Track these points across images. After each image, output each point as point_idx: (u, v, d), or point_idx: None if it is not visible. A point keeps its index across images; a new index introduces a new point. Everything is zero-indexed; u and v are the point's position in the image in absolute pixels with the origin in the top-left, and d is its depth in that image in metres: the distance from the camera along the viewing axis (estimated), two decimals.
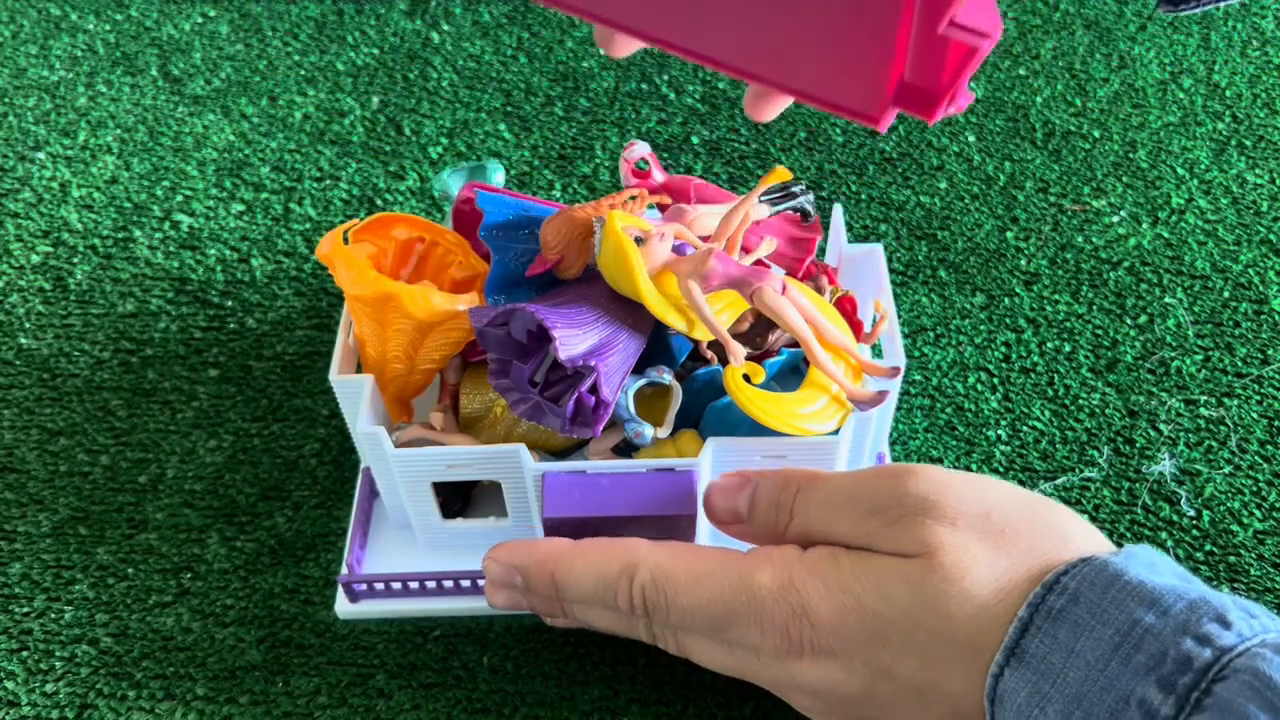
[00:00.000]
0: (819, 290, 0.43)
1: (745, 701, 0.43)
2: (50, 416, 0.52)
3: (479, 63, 0.68)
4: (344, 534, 0.47)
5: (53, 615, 0.45)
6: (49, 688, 0.43)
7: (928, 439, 0.50)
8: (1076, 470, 0.49)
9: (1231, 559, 0.46)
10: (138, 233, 0.59)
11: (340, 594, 0.44)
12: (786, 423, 0.38)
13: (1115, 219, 0.60)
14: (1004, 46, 0.69)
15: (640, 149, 0.47)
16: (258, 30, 0.70)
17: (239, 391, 0.52)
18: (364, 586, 0.43)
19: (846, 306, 0.43)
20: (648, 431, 0.39)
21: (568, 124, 0.64)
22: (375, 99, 0.66)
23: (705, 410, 0.42)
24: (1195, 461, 0.49)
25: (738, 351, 0.37)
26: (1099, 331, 0.53)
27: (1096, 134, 0.64)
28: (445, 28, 0.70)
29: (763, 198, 0.43)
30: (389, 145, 0.63)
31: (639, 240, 0.38)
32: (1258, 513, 0.47)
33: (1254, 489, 0.48)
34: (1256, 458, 0.49)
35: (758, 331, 0.42)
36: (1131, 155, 0.63)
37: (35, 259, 0.58)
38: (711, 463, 0.40)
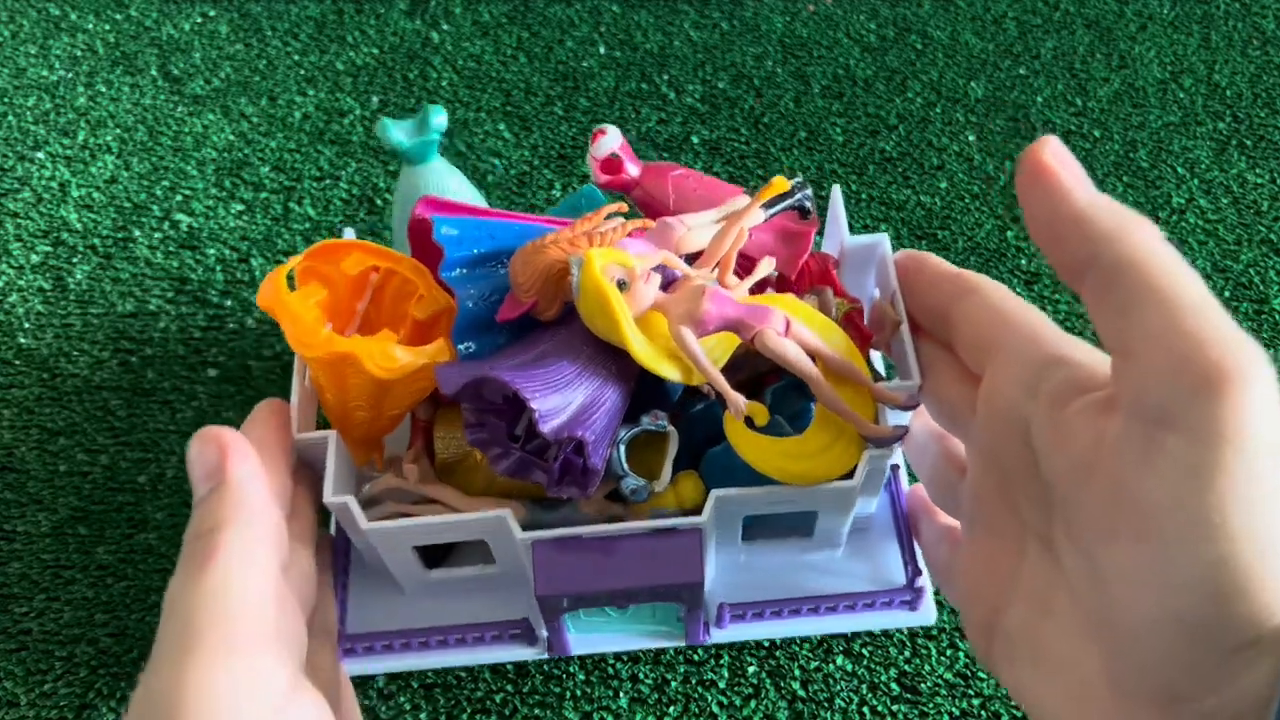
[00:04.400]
0: (824, 306, 0.39)
1: (747, 701, 0.43)
2: (50, 416, 0.52)
3: (479, 62, 0.68)
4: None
5: (52, 615, 0.45)
6: (47, 687, 0.43)
7: None
8: None
9: None
10: (137, 232, 0.59)
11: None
12: (794, 472, 0.35)
13: None
14: (1005, 46, 0.69)
15: (609, 142, 0.41)
16: (257, 30, 0.70)
17: (239, 391, 0.52)
18: (351, 647, 0.40)
19: (855, 320, 0.39)
20: (644, 488, 0.36)
21: (568, 124, 0.64)
22: (375, 99, 0.66)
23: (705, 455, 0.38)
24: None
25: (738, 403, 0.34)
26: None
27: (1097, 134, 0.64)
28: (445, 27, 0.70)
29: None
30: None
31: (621, 284, 0.34)
32: None
33: None
34: None
35: (761, 354, 0.39)
36: (1132, 155, 0.63)
37: (35, 259, 0.58)
38: (715, 515, 0.37)
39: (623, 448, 0.36)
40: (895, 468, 0.44)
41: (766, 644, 0.45)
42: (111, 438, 0.51)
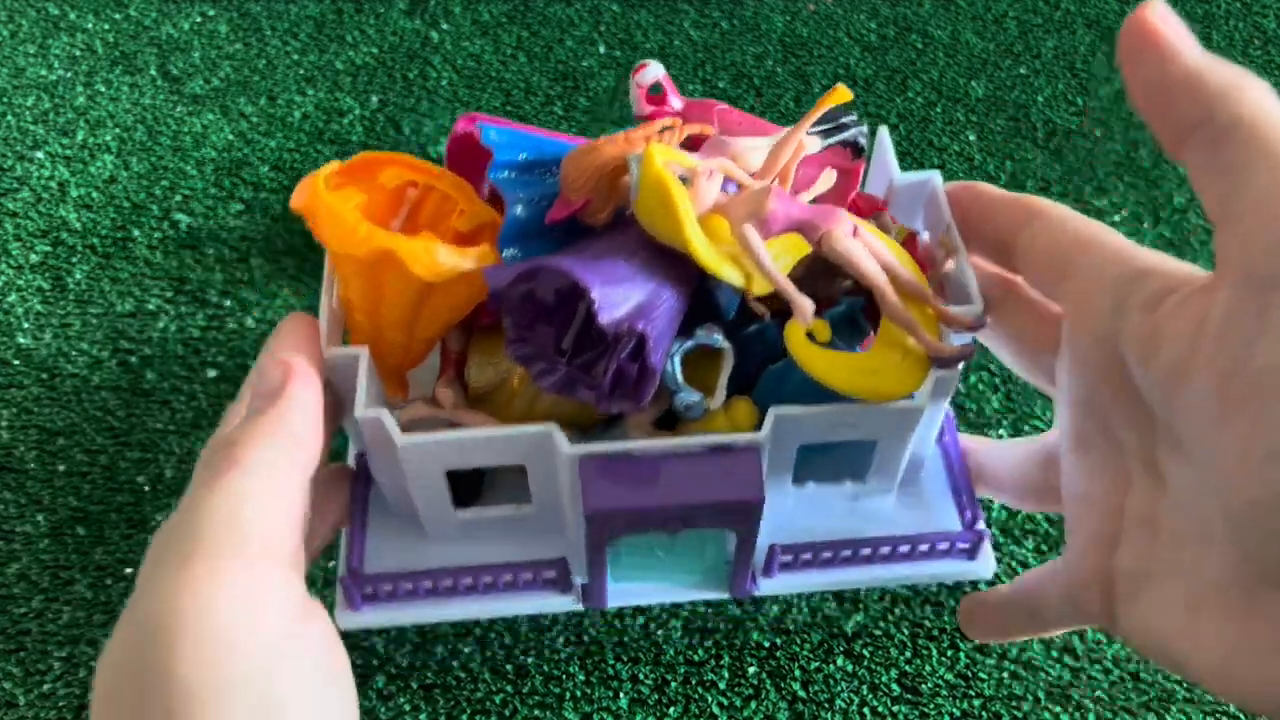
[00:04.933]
0: (884, 229, 0.37)
1: (747, 702, 0.43)
2: (49, 416, 0.52)
3: (479, 62, 0.68)
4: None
5: (50, 616, 0.45)
6: (46, 688, 0.43)
7: None
8: None
9: None
10: (136, 232, 0.59)
11: (340, 599, 0.37)
12: (862, 386, 0.32)
13: (1117, 218, 0.60)
14: (1005, 46, 0.68)
15: (654, 71, 0.40)
16: (257, 29, 0.70)
17: (238, 391, 0.52)
18: (370, 590, 0.37)
19: (912, 247, 0.37)
20: (699, 404, 0.34)
21: (567, 123, 0.64)
22: (375, 98, 0.66)
23: (761, 375, 0.36)
24: None
25: (806, 307, 0.31)
26: None
27: (1098, 133, 0.64)
28: (445, 27, 0.70)
29: (812, 129, 0.37)
30: (388, 144, 0.63)
31: (683, 180, 0.32)
32: None
33: None
34: None
35: (817, 279, 0.36)
36: (1133, 155, 0.63)
37: (34, 258, 0.58)
38: (773, 436, 0.34)
39: (678, 360, 0.34)
40: (949, 417, 0.41)
41: (767, 644, 0.45)
42: (111, 438, 0.51)
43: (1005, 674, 0.44)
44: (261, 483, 0.28)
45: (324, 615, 0.28)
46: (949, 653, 0.45)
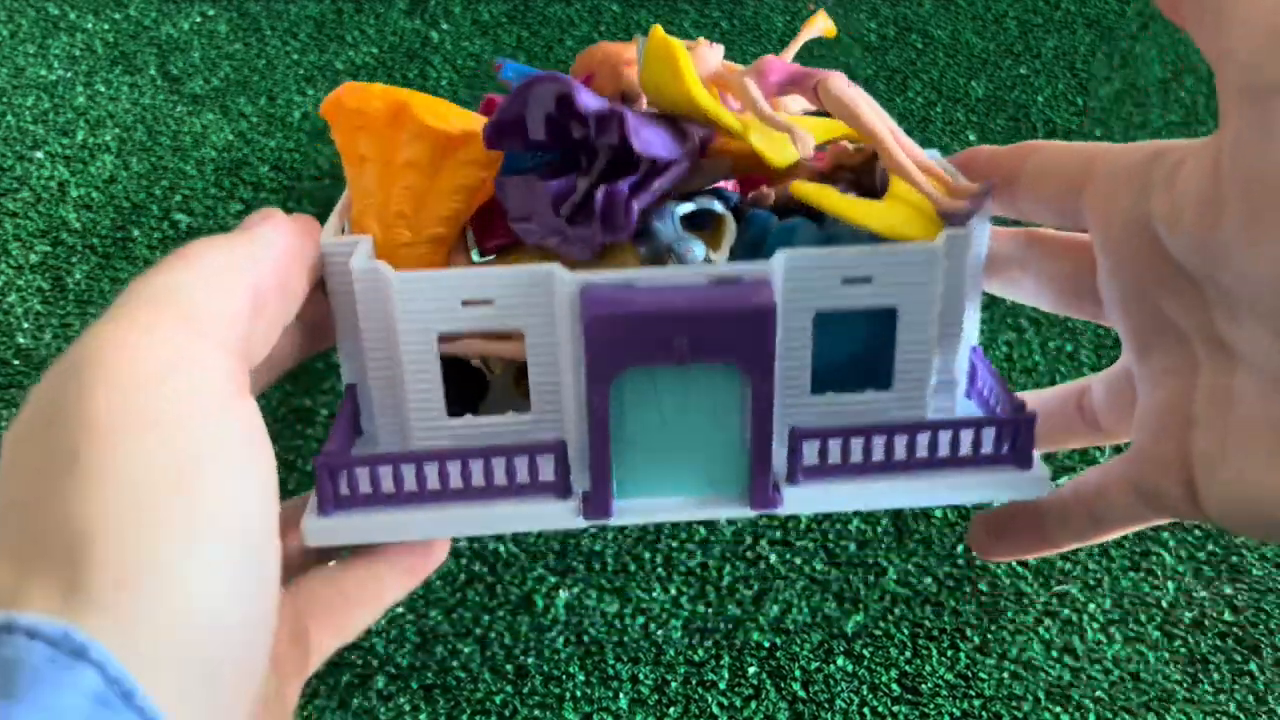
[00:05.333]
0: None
1: (747, 702, 0.43)
2: None
3: (478, 61, 0.68)
4: None
5: None
6: None
7: None
8: (1079, 470, 0.48)
9: (1234, 559, 0.46)
10: (136, 232, 0.59)
11: (311, 508, 0.32)
12: (881, 227, 0.32)
13: None
14: (1005, 45, 0.68)
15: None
16: (256, 29, 0.70)
17: None
18: (348, 487, 0.32)
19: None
20: (699, 249, 0.32)
21: None
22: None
23: (769, 234, 0.35)
24: None
25: (805, 137, 0.31)
26: (1100, 331, 0.53)
27: (1098, 133, 0.64)
28: (444, 27, 0.70)
29: None
30: None
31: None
32: None
33: None
34: None
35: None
36: None
37: (34, 258, 0.58)
38: (784, 274, 0.32)
39: (676, 217, 0.33)
40: (981, 356, 0.38)
41: (767, 644, 0.45)
42: None
43: (1005, 674, 0.44)
44: (213, 275, 0.26)
45: (255, 408, 0.26)
46: (949, 653, 0.45)
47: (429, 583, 0.46)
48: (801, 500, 0.33)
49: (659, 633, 0.45)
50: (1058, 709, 0.43)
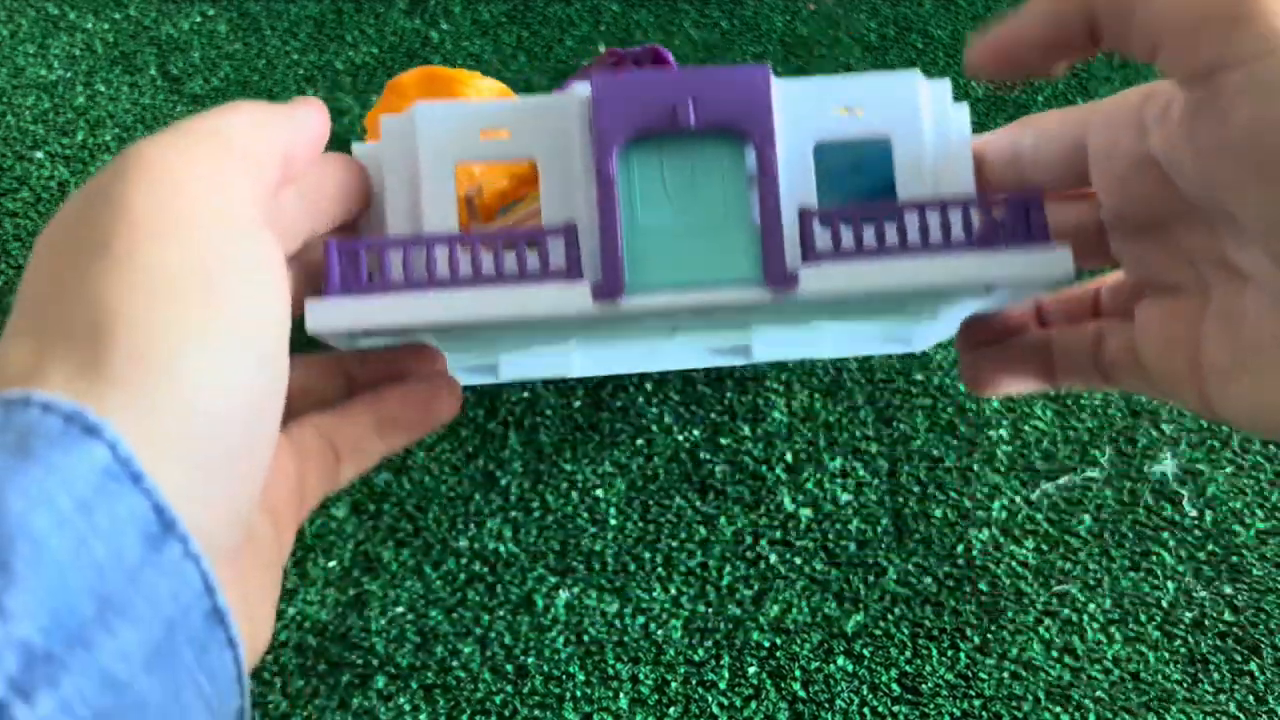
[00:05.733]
0: None
1: (747, 702, 0.43)
2: None
3: (478, 61, 0.68)
4: (345, 534, 0.47)
5: None
6: None
7: (929, 438, 0.49)
8: (1079, 470, 0.48)
9: (1234, 559, 0.46)
10: None
11: (312, 299, 0.31)
12: None
13: None
14: None
15: None
16: (256, 29, 0.70)
17: None
18: (352, 265, 0.31)
19: None
20: None
21: None
22: (374, 98, 0.65)
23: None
24: (1197, 461, 0.49)
25: None
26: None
27: None
28: (444, 26, 0.70)
29: None
30: None
31: None
32: (1260, 513, 0.47)
33: (1256, 489, 0.48)
34: (1259, 457, 0.49)
35: None
36: None
37: None
38: (781, 103, 0.33)
39: None
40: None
41: (767, 644, 0.45)
42: None
43: (1005, 674, 0.44)
44: (251, 127, 0.27)
45: (276, 241, 0.27)
46: (949, 653, 0.45)
47: (429, 582, 0.46)
48: (818, 279, 0.32)
49: (659, 633, 0.45)
50: (1057, 709, 0.43)
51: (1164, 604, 0.45)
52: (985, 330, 0.39)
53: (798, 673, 0.44)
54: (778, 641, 0.45)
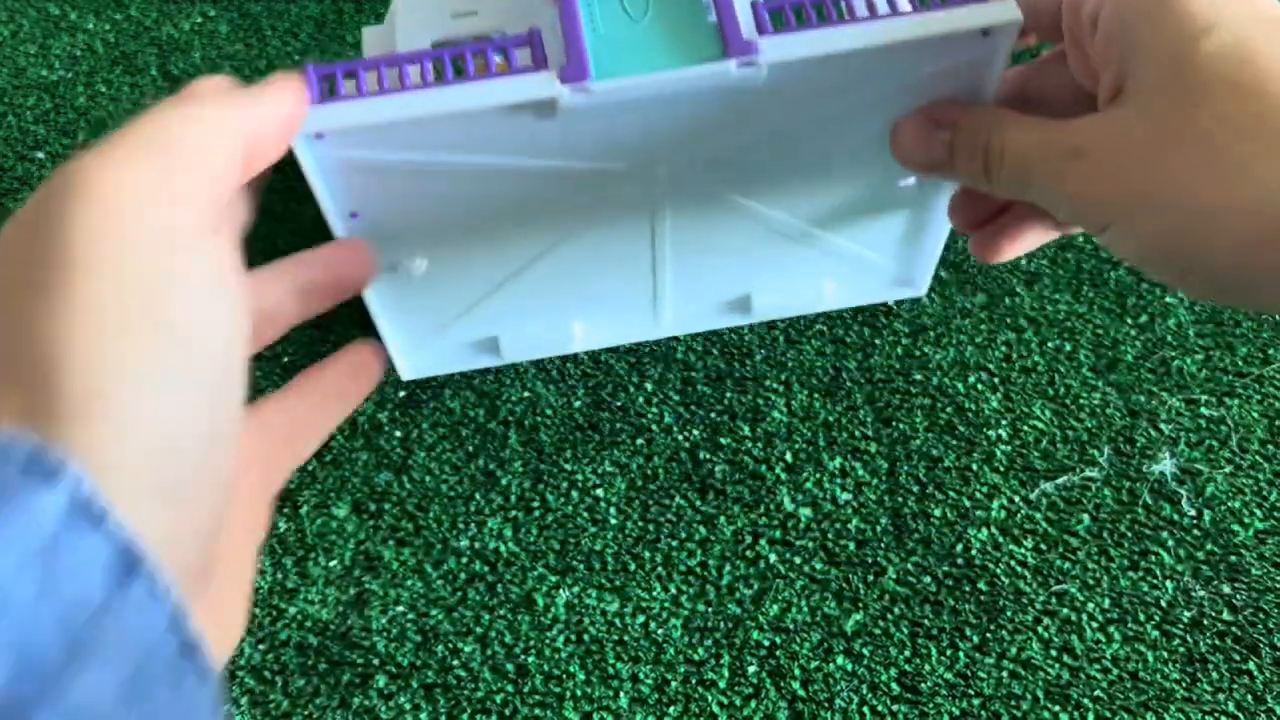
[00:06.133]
0: None
1: (747, 701, 0.43)
2: None
3: None
4: (346, 534, 0.47)
5: None
6: None
7: (928, 438, 0.50)
8: (1077, 470, 0.49)
9: (1233, 558, 0.46)
10: None
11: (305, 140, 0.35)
12: None
13: None
14: None
15: None
16: (257, 30, 0.70)
17: None
18: (329, 80, 0.34)
19: None
20: None
21: None
22: None
23: None
24: (1196, 461, 0.49)
25: None
26: (1100, 331, 0.53)
27: None
28: None
29: None
30: None
31: None
32: (1259, 512, 0.47)
33: (1255, 488, 0.48)
34: (1257, 457, 0.49)
35: None
36: None
37: None
38: None
39: None
40: None
41: (767, 644, 0.45)
42: None
43: (1004, 673, 0.44)
44: (205, 116, 0.27)
45: (228, 247, 0.27)
46: (948, 652, 0.45)
47: (430, 582, 0.46)
48: (777, 47, 0.33)
49: (659, 632, 0.45)
50: (1056, 708, 0.43)
51: (1163, 603, 0.45)
52: (981, 209, 0.40)
53: (797, 672, 0.44)
54: (777, 640, 0.45)
